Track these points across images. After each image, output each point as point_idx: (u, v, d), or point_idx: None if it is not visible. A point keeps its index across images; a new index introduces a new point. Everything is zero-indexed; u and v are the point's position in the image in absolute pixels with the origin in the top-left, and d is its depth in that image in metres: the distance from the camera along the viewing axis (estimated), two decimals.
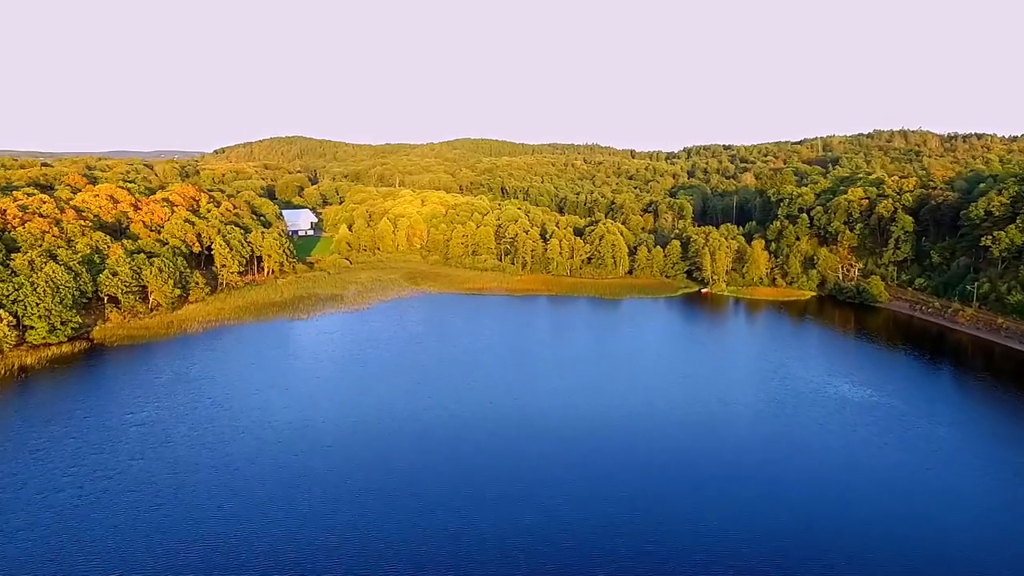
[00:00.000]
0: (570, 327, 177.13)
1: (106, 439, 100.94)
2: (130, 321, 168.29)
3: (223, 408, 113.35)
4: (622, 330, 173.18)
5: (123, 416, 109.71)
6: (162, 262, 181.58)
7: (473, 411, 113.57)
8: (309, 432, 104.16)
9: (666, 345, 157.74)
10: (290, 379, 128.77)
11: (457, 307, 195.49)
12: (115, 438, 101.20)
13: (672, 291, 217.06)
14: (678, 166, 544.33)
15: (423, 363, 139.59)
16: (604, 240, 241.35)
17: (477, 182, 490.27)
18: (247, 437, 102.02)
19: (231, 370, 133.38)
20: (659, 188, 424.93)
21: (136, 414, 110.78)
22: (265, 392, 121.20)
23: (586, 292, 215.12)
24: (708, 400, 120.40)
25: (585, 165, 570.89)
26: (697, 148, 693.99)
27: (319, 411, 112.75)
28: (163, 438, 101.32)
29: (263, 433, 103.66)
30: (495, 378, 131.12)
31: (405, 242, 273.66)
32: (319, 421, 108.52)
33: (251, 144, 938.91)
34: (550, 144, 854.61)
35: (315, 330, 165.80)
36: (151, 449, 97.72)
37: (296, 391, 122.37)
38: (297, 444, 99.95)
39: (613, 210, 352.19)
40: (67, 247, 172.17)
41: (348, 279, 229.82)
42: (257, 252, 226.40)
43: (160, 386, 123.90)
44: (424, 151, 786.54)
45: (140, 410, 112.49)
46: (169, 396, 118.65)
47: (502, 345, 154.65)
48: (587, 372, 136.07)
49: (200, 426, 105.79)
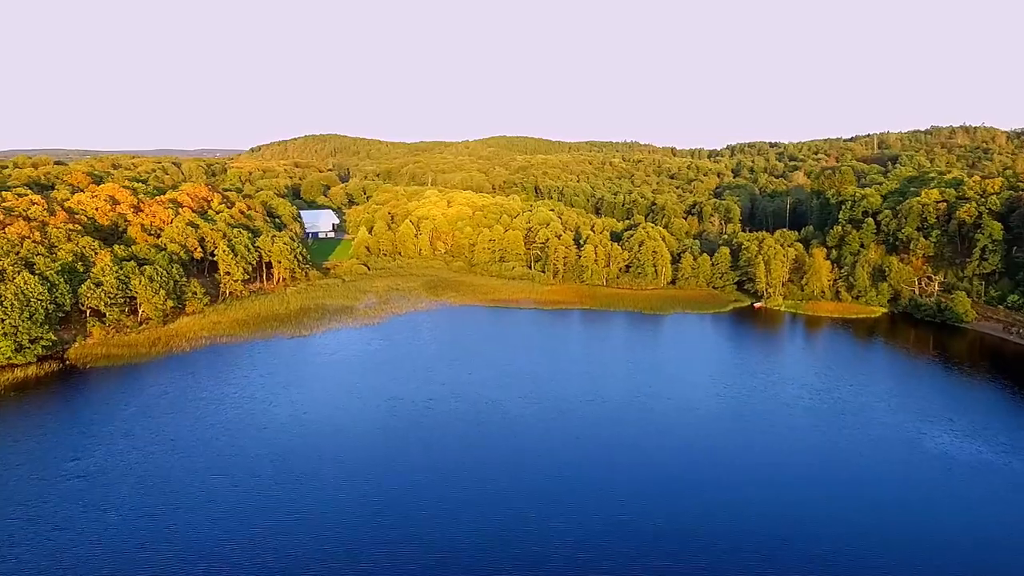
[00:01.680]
0: (605, 352, 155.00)
1: (33, 496, 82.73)
2: (114, 337, 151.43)
3: (180, 455, 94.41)
4: (664, 355, 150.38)
5: (64, 464, 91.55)
6: (154, 270, 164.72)
7: (484, 478, 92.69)
8: (260, 500, 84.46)
9: (718, 377, 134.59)
10: (260, 421, 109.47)
11: (478, 324, 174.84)
12: (43, 496, 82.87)
13: (721, 305, 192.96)
14: (722, 164, 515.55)
15: (426, 406, 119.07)
16: (644, 246, 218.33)
17: (510, 181, 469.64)
18: (196, 501, 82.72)
19: (202, 403, 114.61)
20: (703, 188, 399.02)
21: (81, 461, 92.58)
22: (232, 437, 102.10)
23: (624, 305, 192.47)
24: (769, 465, 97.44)
25: (623, 163, 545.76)
26: (741, 145, 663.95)
27: (283, 470, 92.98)
28: (100, 499, 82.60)
29: (214, 498, 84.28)
30: (516, 428, 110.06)
31: (428, 246, 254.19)
32: (271, 485, 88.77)
33: (286, 142, 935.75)
34: (587, 142, 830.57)
35: (314, 351, 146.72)
36: (82, 513, 79.07)
37: (266, 439, 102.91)
38: (251, 518, 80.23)
39: (653, 212, 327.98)
40: (48, 254, 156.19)
41: (363, 288, 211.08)
42: (266, 258, 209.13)
43: (120, 422, 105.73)
44: (458, 149, 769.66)
45: (88, 455, 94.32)
46: (125, 437, 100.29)
47: (525, 376, 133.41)
48: (625, 419, 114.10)
49: (145, 482, 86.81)
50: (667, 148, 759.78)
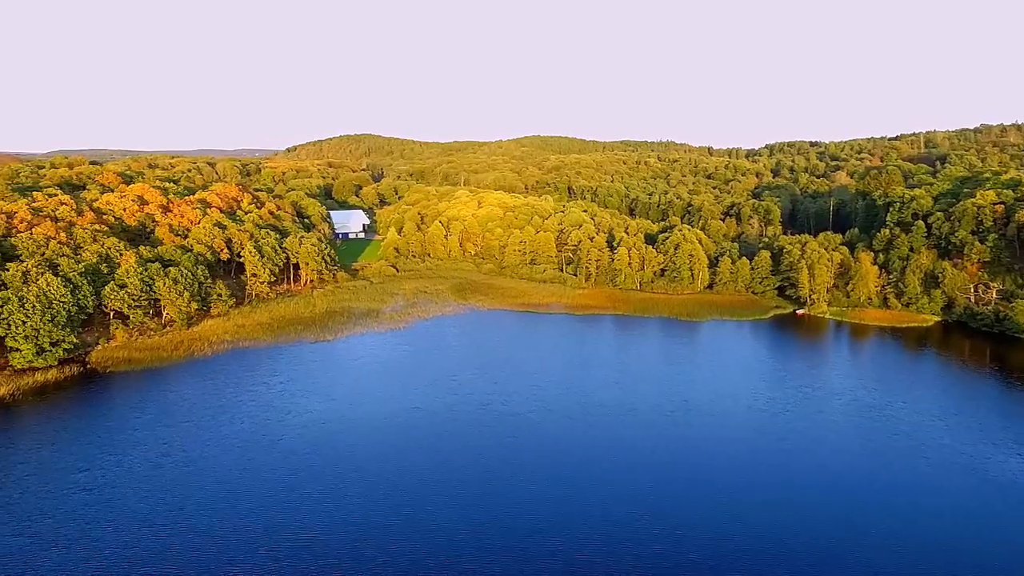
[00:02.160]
0: (639, 360, 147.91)
1: (36, 511, 79.28)
2: (137, 340, 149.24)
3: (190, 469, 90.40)
4: (701, 364, 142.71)
5: (72, 475, 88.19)
6: (178, 272, 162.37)
7: (505, 506, 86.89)
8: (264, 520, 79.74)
9: (759, 390, 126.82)
10: (275, 431, 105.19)
11: (506, 328, 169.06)
12: (46, 511, 79.34)
13: (761, 312, 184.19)
14: (761, 164, 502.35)
15: (448, 417, 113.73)
16: (680, 249, 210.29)
17: (543, 181, 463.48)
18: (202, 520, 78.36)
19: (219, 411, 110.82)
20: (741, 188, 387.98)
21: (89, 472, 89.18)
22: (244, 449, 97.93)
23: (658, 311, 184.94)
24: (818, 491, 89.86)
25: (659, 163, 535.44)
26: (780, 145, 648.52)
27: (288, 490, 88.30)
28: (101, 515, 78.74)
29: (220, 517, 79.86)
30: (544, 442, 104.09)
31: (458, 248, 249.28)
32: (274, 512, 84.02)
33: (321, 142, 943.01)
34: (622, 141, 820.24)
35: (336, 356, 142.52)
36: (80, 529, 75.23)
37: (280, 452, 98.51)
38: (258, 540, 75.56)
39: (690, 213, 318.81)
40: (72, 255, 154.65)
41: (391, 290, 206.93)
42: (293, 259, 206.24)
43: (134, 431, 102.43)
44: (491, 149, 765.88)
45: (97, 467, 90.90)
46: (136, 447, 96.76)
47: (554, 385, 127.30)
48: (659, 435, 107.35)
49: (150, 498, 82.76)
50: (703, 148, 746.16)
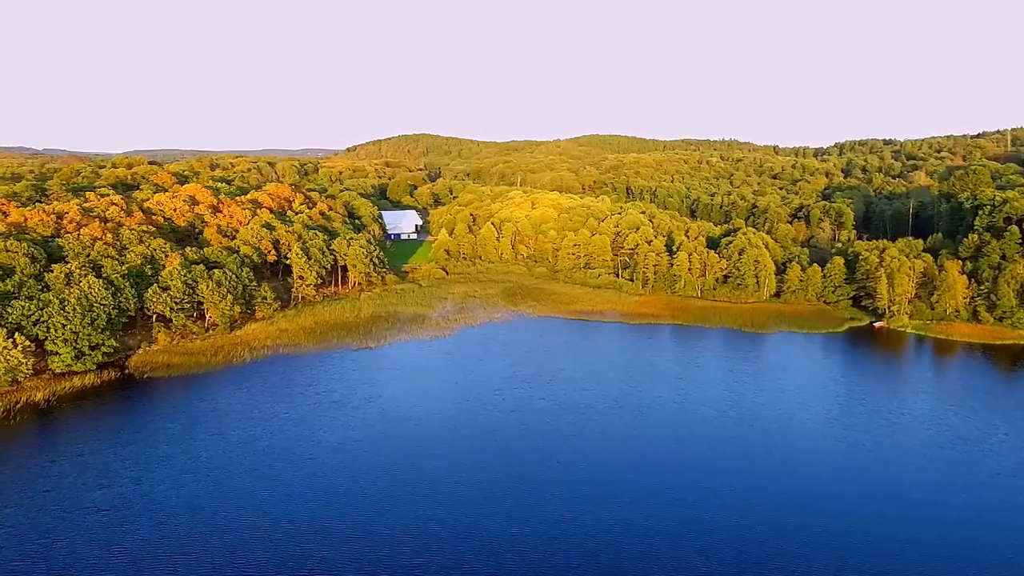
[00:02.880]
0: (699, 376, 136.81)
1: (45, 531, 74.65)
2: (179, 344, 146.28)
3: (211, 487, 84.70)
4: (769, 382, 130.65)
5: (90, 494, 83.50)
6: (223, 274, 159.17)
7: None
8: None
9: (835, 415, 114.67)
10: (306, 448, 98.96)
11: (557, 337, 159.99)
12: (55, 532, 74.58)
13: (834, 324, 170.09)
14: (830, 163, 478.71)
15: (489, 438, 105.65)
16: (745, 255, 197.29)
17: (601, 181, 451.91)
18: (217, 549, 72.18)
19: (250, 424, 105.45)
20: (810, 189, 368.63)
21: (109, 490, 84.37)
22: (271, 467, 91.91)
23: (721, 321, 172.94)
24: (916, 547, 78.10)
25: (721, 162, 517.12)
26: (851, 143, 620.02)
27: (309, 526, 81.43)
28: (112, 539, 73.50)
29: (237, 545, 73.52)
30: (592, 471, 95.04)
31: (509, 250, 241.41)
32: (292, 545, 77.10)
33: (380, 142, 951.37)
34: (683, 140, 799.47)
35: (377, 365, 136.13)
36: (88, 553, 70.05)
37: (308, 473, 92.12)
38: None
39: (754, 215, 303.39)
40: (117, 256, 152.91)
41: (439, 294, 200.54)
42: (341, 261, 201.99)
43: (162, 444, 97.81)
44: (549, 148, 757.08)
45: (117, 483, 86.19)
46: (161, 462, 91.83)
47: (604, 405, 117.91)
48: (725, 466, 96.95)
49: (165, 524, 77.05)
50: (768, 147, 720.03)
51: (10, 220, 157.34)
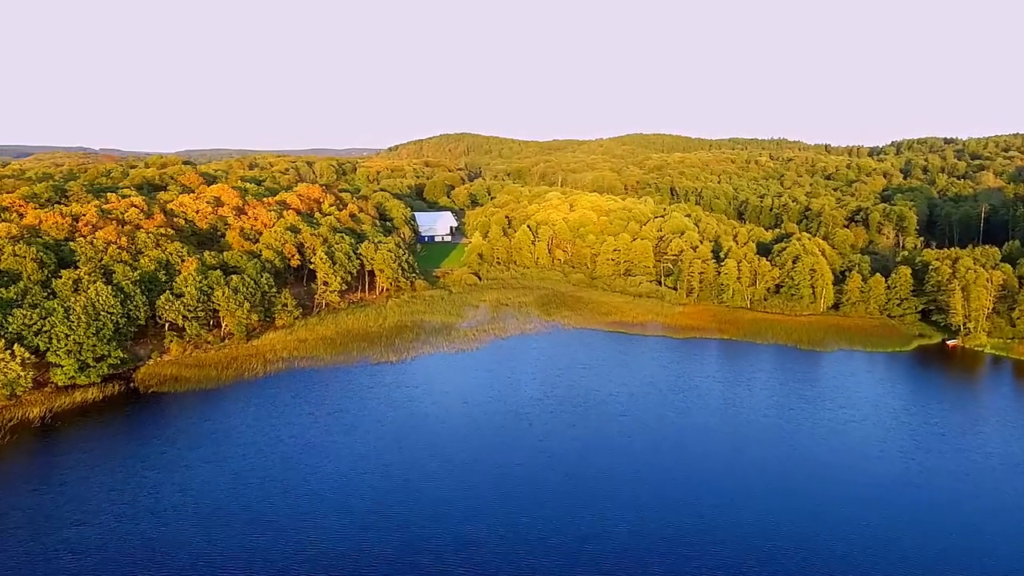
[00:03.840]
0: (751, 402, 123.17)
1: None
2: (191, 354, 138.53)
3: (197, 528, 75.08)
4: (829, 410, 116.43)
5: (64, 531, 74.89)
6: (240, 280, 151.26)
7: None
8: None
9: (907, 451, 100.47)
10: (306, 483, 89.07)
11: (593, 352, 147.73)
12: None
13: (901, 342, 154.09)
14: (887, 163, 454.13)
15: (512, 476, 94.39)
16: (800, 263, 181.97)
17: (644, 181, 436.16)
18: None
19: (250, 451, 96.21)
20: (867, 191, 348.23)
21: (85, 527, 75.65)
22: (268, 504, 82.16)
23: (774, 336, 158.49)
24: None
25: (771, 162, 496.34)
26: (909, 142, 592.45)
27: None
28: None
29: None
30: (630, 519, 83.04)
31: (546, 255, 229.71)
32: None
33: (421, 141, 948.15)
34: (730, 139, 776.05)
35: (396, 382, 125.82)
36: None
37: (305, 512, 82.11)
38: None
39: (808, 218, 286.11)
40: (131, 261, 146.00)
41: (470, 301, 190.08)
42: (368, 266, 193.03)
43: (151, 471, 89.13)
44: (591, 147, 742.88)
45: (95, 519, 77.51)
46: (148, 494, 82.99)
47: (643, 436, 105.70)
48: (781, 521, 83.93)
49: (146, 567, 67.97)
50: (819, 145, 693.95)
51: (25, 222, 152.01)
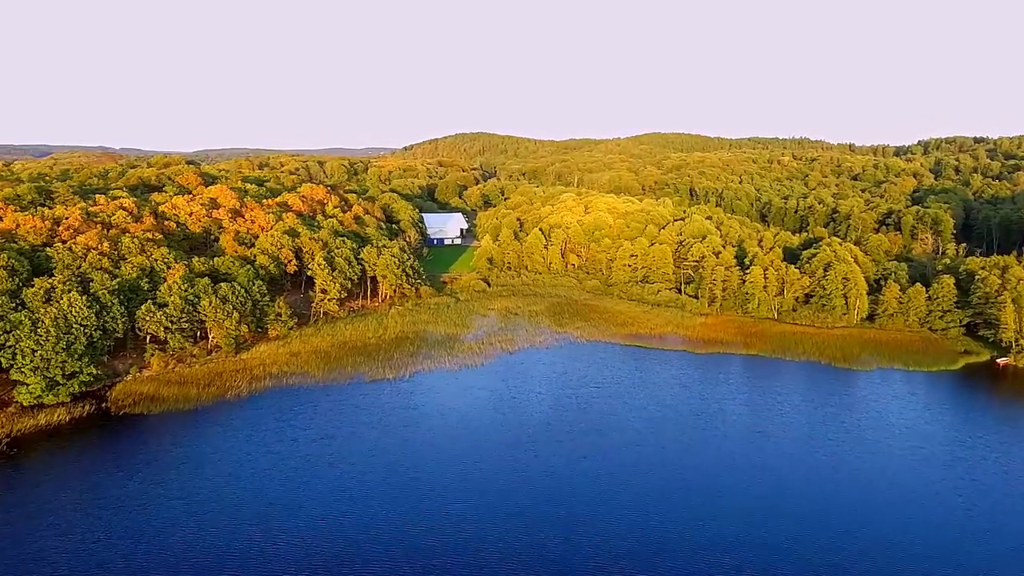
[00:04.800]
0: (782, 431, 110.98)
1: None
2: (173, 369, 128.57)
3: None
4: (870, 443, 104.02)
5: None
6: (230, 288, 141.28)
7: None
8: None
9: (972, 500, 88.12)
10: (279, 526, 78.27)
11: (608, 370, 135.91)
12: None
13: (946, 359, 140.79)
14: (916, 163, 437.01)
15: (515, 526, 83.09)
16: (832, 271, 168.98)
17: (662, 181, 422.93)
18: None
19: (219, 486, 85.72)
20: (897, 192, 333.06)
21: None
22: (229, 555, 71.48)
23: (804, 351, 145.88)
24: None
25: (794, 162, 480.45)
26: (937, 141, 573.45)
27: None
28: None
29: None
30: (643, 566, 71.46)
31: (559, 260, 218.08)
32: None
33: (436, 141, 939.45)
34: (750, 138, 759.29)
35: (390, 403, 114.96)
36: None
37: (271, 564, 71.33)
38: None
39: (835, 221, 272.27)
40: (112, 268, 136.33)
41: (477, 310, 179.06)
42: (370, 272, 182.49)
43: (105, 508, 78.86)
44: (608, 147, 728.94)
45: (36, 568, 67.18)
46: (95, 541, 72.55)
47: (661, 471, 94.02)
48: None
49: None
50: (843, 145, 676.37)
51: (1, 226, 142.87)
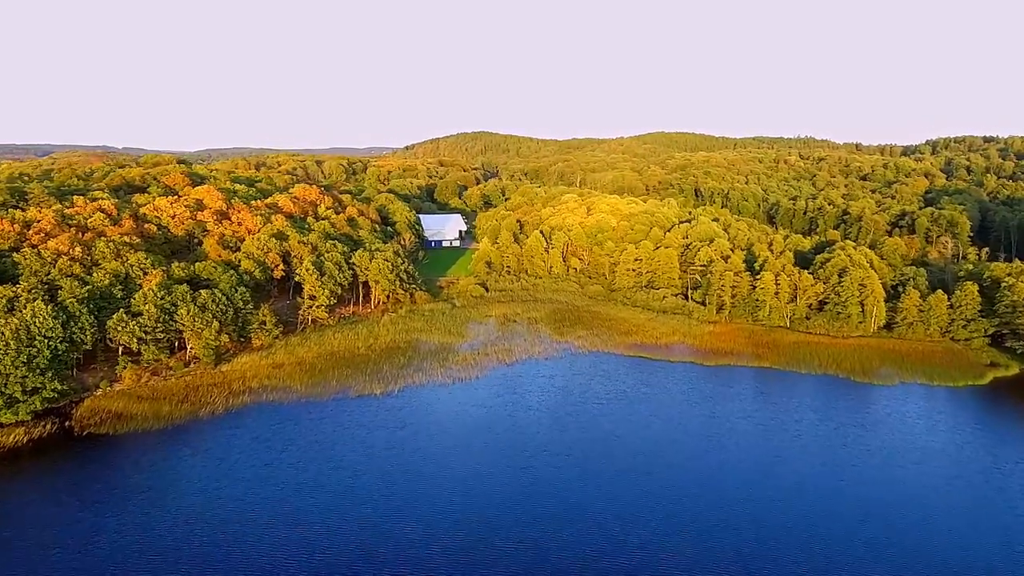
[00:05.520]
0: (800, 458, 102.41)
1: None
2: (147, 383, 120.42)
3: None
4: (897, 472, 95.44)
5: None
6: (210, 296, 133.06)
7: None
8: None
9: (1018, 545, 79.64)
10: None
11: (610, 384, 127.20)
12: None
13: (972, 373, 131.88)
14: (926, 163, 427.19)
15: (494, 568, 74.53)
16: (848, 277, 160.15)
17: (666, 181, 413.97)
18: None
19: (178, 524, 77.44)
20: (909, 193, 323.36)
21: None
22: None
23: (819, 363, 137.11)
24: None
25: (801, 161, 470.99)
26: (946, 140, 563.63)
27: None
28: None
29: None
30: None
31: (560, 264, 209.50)
32: None
33: (438, 140, 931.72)
34: (755, 138, 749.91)
35: (376, 422, 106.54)
36: None
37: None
38: None
39: (846, 223, 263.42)
40: (84, 275, 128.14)
41: (475, 316, 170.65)
42: (362, 277, 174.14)
43: (45, 547, 70.58)
44: (611, 147, 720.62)
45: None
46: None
47: (668, 506, 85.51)
48: None
49: None
50: (849, 144, 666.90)
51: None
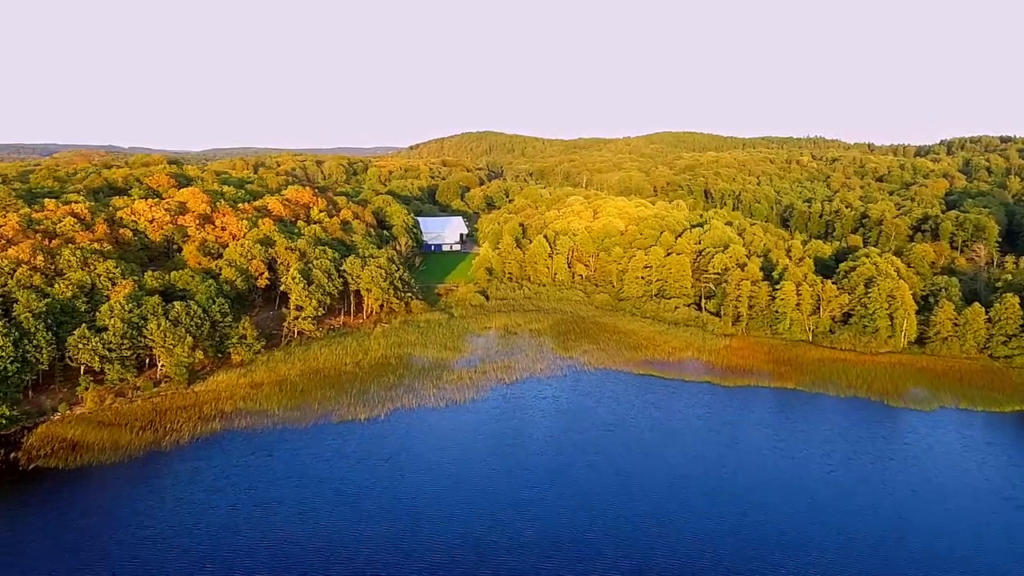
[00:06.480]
0: (834, 500, 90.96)
1: None
2: (111, 405, 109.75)
3: None
4: (947, 526, 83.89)
5: None
6: (183, 309, 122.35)
7: None
8: None
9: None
10: None
11: (619, 406, 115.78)
12: None
13: (1018, 397, 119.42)
14: (944, 164, 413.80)
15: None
16: (876, 287, 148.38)
17: (675, 183, 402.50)
18: None
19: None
20: (928, 195, 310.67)
21: None
22: None
23: (845, 384, 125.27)
24: None
25: (814, 162, 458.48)
26: (961, 140, 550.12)
27: None
28: None
29: None
30: None
31: (565, 270, 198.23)
32: None
33: (442, 140, 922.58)
34: (764, 138, 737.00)
35: (357, 454, 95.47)
36: None
37: None
38: None
39: (865, 227, 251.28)
40: (44, 286, 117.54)
41: (473, 328, 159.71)
42: (353, 285, 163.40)
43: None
44: (618, 147, 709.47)
45: None
46: None
47: (686, 560, 74.11)
48: None
49: None
50: (861, 144, 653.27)
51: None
